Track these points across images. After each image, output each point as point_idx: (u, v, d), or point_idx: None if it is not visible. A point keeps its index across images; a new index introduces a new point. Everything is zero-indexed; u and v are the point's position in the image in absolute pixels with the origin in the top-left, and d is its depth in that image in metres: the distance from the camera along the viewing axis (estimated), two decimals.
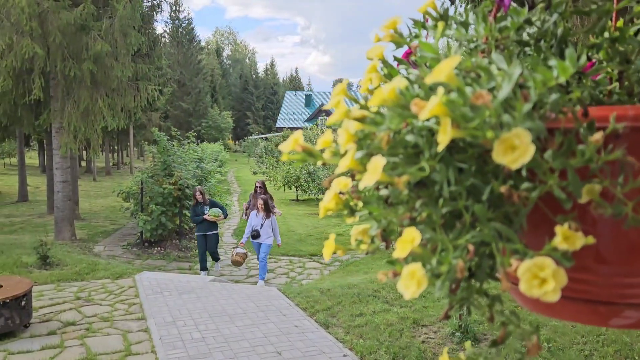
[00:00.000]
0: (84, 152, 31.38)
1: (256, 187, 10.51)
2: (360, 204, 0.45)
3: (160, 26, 59.55)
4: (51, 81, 11.25)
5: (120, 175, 35.23)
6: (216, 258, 10.21)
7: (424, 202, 0.39)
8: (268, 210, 9.28)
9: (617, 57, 0.47)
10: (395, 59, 0.53)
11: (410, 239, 0.37)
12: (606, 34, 0.50)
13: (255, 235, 9.12)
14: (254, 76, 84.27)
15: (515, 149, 0.34)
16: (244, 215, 10.90)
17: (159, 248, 11.59)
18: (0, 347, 5.50)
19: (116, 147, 42.66)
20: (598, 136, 0.37)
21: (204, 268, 9.74)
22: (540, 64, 0.37)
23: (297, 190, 21.87)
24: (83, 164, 34.86)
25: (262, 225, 9.18)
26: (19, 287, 6.02)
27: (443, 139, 0.35)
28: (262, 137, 51.50)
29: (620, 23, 0.52)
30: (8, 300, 5.73)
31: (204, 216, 9.73)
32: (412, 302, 7.15)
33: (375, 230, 0.44)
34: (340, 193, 0.46)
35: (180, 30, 54.49)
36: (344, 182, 0.46)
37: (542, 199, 0.39)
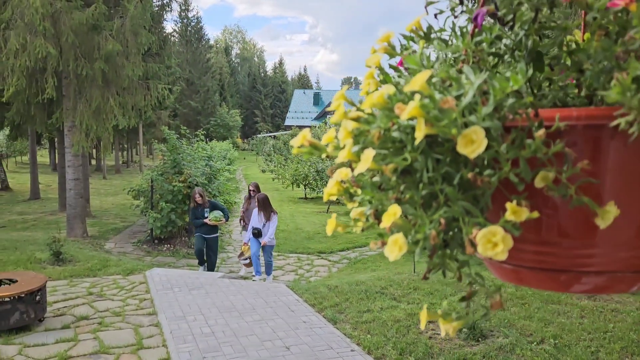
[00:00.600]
0: (94, 151, 31.69)
1: (250, 190, 10.14)
2: (358, 190, 0.54)
3: (170, 25, 59.96)
4: (63, 80, 11.43)
5: (130, 173, 35.51)
6: (211, 268, 9.78)
7: (407, 186, 0.48)
8: (267, 209, 9.05)
9: (574, 67, 0.56)
10: (391, 66, 0.62)
11: (393, 212, 0.46)
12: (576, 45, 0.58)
13: (257, 234, 9.02)
14: (262, 74, 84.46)
15: (473, 142, 0.43)
16: (241, 224, 10.37)
17: (168, 245, 11.74)
18: (16, 340, 5.64)
19: (126, 146, 42.99)
20: (541, 132, 0.45)
21: (202, 262, 9.66)
22: (500, 76, 0.46)
23: (305, 188, 21.98)
24: (93, 162, 35.15)
25: (263, 224, 9.06)
26: (34, 282, 6.16)
27: (418, 135, 0.44)
28: (270, 136, 51.70)
29: (587, 36, 0.60)
30: (23, 295, 5.87)
31: (205, 220, 9.45)
32: (419, 299, 7.23)
33: (369, 211, 0.53)
34: (342, 181, 0.55)
35: (189, 29, 54.78)
36: (345, 172, 0.55)
37: (504, 183, 0.48)
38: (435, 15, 0.59)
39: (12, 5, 10.11)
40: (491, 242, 0.44)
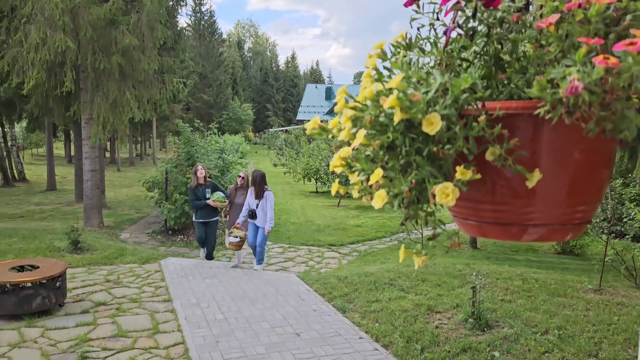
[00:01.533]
0: (108, 143, 32.14)
1: (241, 178, 9.32)
2: (356, 163, 0.71)
3: (184, 19, 60.31)
4: (81, 74, 11.70)
5: (144, 165, 35.95)
6: (210, 255, 9.44)
7: (390, 158, 0.64)
8: (261, 186, 8.41)
9: (520, 70, 0.71)
10: (385, 67, 0.78)
11: (377, 174, 0.63)
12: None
13: (251, 215, 8.46)
14: (274, 68, 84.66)
15: (432, 124, 0.59)
16: (226, 219, 9.54)
17: (182, 236, 11.99)
18: (39, 323, 5.90)
19: (139, 139, 43.47)
20: (482, 118, 0.61)
21: (203, 245, 9.36)
22: (458, 77, 0.62)
23: (316, 182, 22.15)
24: (107, 154, 35.63)
25: (257, 205, 8.48)
26: (55, 268, 6.41)
27: (396, 119, 0.60)
28: (282, 130, 51.89)
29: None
30: (45, 281, 6.12)
31: (208, 201, 8.86)
32: (427, 290, 7.38)
33: (363, 176, 0.69)
34: (343, 157, 0.72)
35: (202, 23, 55.10)
36: (346, 150, 0.71)
37: (461, 156, 0.64)
38: (418, 29, 0.76)
39: (32, 1, 10.37)
40: (444, 193, 0.60)
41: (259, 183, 8.44)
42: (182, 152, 12.47)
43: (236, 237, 8.48)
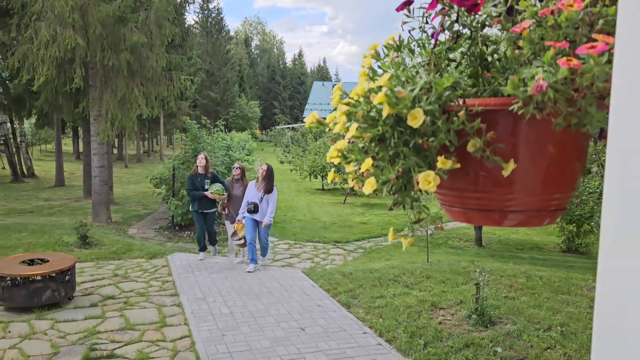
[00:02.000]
0: (116, 140, 32.35)
1: (236, 168, 8.97)
2: (350, 155, 0.77)
3: (191, 17, 60.49)
4: (90, 71, 11.82)
5: (151, 162, 36.15)
6: (214, 240, 9.16)
7: (380, 149, 0.71)
8: (270, 180, 8.09)
9: (501, 70, 0.78)
10: (379, 67, 0.84)
11: (367, 163, 0.70)
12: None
13: (252, 209, 8.05)
14: (281, 66, 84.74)
15: (416, 118, 0.66)
16: (224, 212, 9.09)
17: (189, 232, 12.09)
18: (48, 315, 6.01)
19: (147, 135, 43.71)
20: (462, 113, 0.68)
21: (203, 248, 8.90)
22: (440, 76, 0.69)
23: (322, 179, 22.22)
24: (115, 151, 35.86)
25: (260, 198, 8.10)
26: (64, 262, 6.52)
27: (384, 114, 0.67)
28: (288, 127, 51.97)
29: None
30: (54, 274, 6.23)
31: (206, 193, 8.47)
32: (431, 287, 7.43)
33: (356, 166, 0.76)
34: (339, 149, 0.78)
35: (209, 20, 55.25)
36: (342, 142, 0.78)
37: (444, 148, 0.71)
38: (409, 32, 0.82)
39: None
40: (427, 180, 0.66)
41: (270, 177, 8.13)
42: (189, 149, 12.57)
43: (240, 239, 8.30)
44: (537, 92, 0.60)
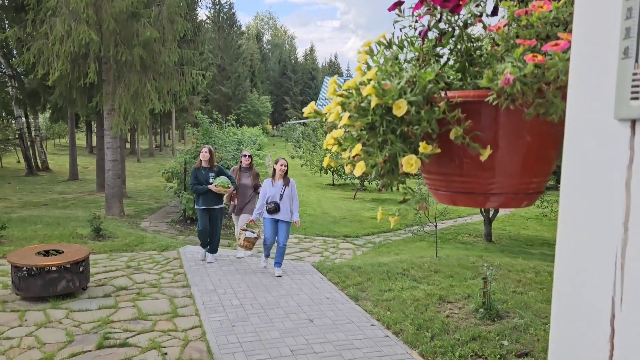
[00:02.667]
0: (129, 135, 32.66)
1: (244, 155, 8.56)
2: (345, 142, 0.85)
3: (203, 12, 60.66)
4: (103, 65, 11.99)
5: (163, 157, 36.43)
6: (215, 248, 8.29)
7: (370, 136, 0.78)
8: (286, 174, 7.55)
9: (483, 65, 0.84)
10: (373, 61, 0.92)
11: (357, 148, 0.77)
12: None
13: (273, 208, 7.38)
14: (292, 61, 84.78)
15: (400, 108, 0.73)
16: (231, 204, 8.55)
17: None
18: (63, 305, 6.16)
19: (159, 130, 44.05)
20: (442, 103, 0.75)
21: (205, 244, 8.24)
22: (424, 70, 0.76)
23: (333, 174, 22.30)
24: (127, 145, 36.18)
25: (281, 195, 7.45)
26: (78, 253, 6.66)
27: (372, 104, 0.74)
28: (299, 122, 52.03)
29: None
30: (69, 265, 6.37)
31: (210, 186, 7.77)
32: (439, 281, 7.49)
33: (349, 153, 0.83)
34: (335, 138, 0.86)
35: (221, 15, 55.40)
36: (339, 131, 0.85)
37: (428, 135, 0.78)
38: (400, 29, 0.89)
39: None
40: (409, 163, 0.74)
41: (286, 171, 7.62)
42: (200, 144, 12.70)
43: (253, 232, 7.66)
44: (505, 84, 0.67)
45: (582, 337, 0.54)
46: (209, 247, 8.23)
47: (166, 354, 4.95)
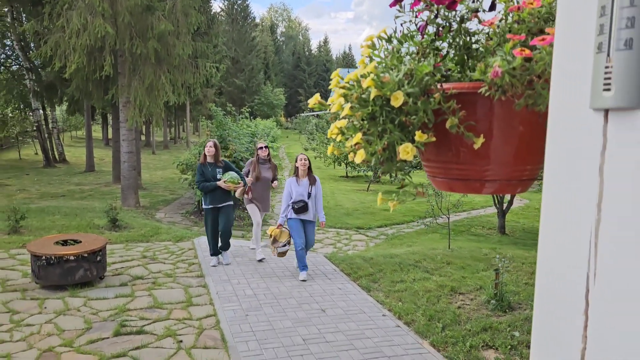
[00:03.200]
0: (144, 127, 32.97)
1: (261, 147, 8.06)
2: (348, 132, 0.90)
3: (217, 4, 60.71)
4: (119, 58, 12.13)
5: (177, 149, 36.72)
6: (227, 245, 7.65)
7: (370, 126, 0.83)
8: (311, 170, 7.18)
9: (480, 59, 0.88)
10: (375, 55, 0.96)
11: (358, 137, 0.82)
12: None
13: (302, 208, 6.99)
14: (306, 53, 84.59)
15: (397, 99, 0.77)
16: (247, 197, 7.97)
17: None
18: (81, 293, 6.30)
19: (174, 122, 44.38)
20: (437, 95, 0.79)
21: (215, 253, 7.65)
22: (420, 63, 0.80)
23: (346, 167, 22.32)
24: (143, 138, 36.52)
25: (309, 194, 7.06)
26: (95, 243, 6.81)
27: (372, 96, 0.79)
28: (313, 115, 52.00)
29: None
30: (87, 254, 6.52)
31: (219, 182, 7.26)
32: (452, 272, 7.51)
33: (352, 142, 0.88)
34: (339, 127, 0.91)
35: (235, 7, 55.45)
36: (342, 122, 0.90)
37: (424, 125, 0.82)
38: (401, 24, 0.93)
39: None
40: (406, 151, 0.78)
41: (310, 168, 7.24)
42: (214, 136, 12.80)
43: (284, 244, 7.17)
44: (494, 77, 0.71)
45: (561, 310, 0.59)
46: (219, 245, 7.64)
47: (181, 341, 5.06)
